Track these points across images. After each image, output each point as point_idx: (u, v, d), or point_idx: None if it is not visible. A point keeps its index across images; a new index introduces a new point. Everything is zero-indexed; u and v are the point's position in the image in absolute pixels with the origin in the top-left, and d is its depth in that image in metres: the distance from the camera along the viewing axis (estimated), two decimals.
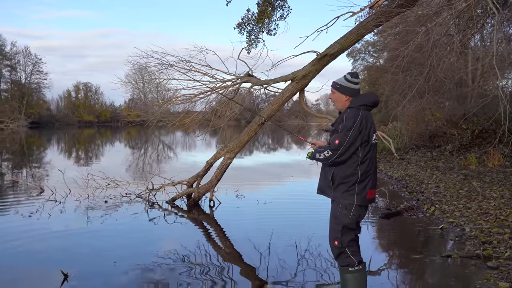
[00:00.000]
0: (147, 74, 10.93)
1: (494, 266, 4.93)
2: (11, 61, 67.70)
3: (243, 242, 6.19)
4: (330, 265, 5.15)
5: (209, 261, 5.40)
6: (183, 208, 8.59)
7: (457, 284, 4.66)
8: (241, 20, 12.39)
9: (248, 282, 4.77)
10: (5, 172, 13.96)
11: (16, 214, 7.85)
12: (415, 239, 6.45)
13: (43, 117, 69.04)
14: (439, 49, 10.54)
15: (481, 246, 5.64)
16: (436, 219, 7.39)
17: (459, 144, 15.36)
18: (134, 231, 6.89)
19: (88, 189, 9.25)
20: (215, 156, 9.00)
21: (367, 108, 3.80)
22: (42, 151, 25.17)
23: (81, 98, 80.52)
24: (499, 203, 7.88)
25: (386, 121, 19.66)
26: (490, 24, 10.63)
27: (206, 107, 9.67)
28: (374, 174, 3.82)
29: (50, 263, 5.27)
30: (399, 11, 8.41)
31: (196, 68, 8.97)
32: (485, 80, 18.04)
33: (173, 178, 9.32)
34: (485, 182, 10.08)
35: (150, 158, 21.10)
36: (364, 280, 3.83)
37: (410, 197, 9.48)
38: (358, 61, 47.28)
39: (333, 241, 3.81)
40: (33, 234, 6.62)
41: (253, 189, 10.80)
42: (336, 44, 8.58)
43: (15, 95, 66.31)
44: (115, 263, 5.22)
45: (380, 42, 33.50)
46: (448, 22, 10.47)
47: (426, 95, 13.57)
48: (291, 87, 8.71)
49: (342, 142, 3.63)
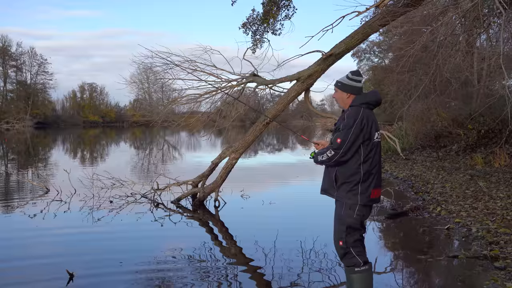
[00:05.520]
0: (152, 74, 10.92)
1: (501, 267, 4.89)
2: (16, 61, 68.02)
3: (248, 242, 6.17)
4: (335, 265, 5.13)
5: (214, 261, 5.40)
6: (188, 208, 8.60)
7: (464, 285, 4.63)
8: (246, 20, 12.37)
9: (253, 282, 4.76)
10: (11, 172, 14.03)
11: (22, 214, 7.89)
12: (421, 240, 6.41)
13: (49, 118, 69.33)
14: (445, 49, 10.49)
15: (488, 247, 5.60)
16: (442, 219, 7.35)
17: (465, 144, 15.28)
18: (139, 231, 6.90)
19: (94, 189, 9.28)
20: (220, 156, 8.99)
21: (368, 107, 3.78)
22: (48, 151, 25.28)
23: (86, 98, 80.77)
24: (506, 203, 7.83)
25: (391, 121, 19.63)
26: (497, 24, 10.56)
27: (211, 107, 9.67)
28: (378, 173, 3.79)
29: (55, 262, 5.27)
30: (405, 11, 8.38)
31: (201, 68, 8.97)
32: (491, 80, 17.93)
33: (178, 178, 9.32)
34: (492, 182, 10.02)
35: (155, 158, 21.14)
36: (370, 281, 3.80)
37: (416, 197, 9.44)
38: (363, 61, 47.09)
39: (338, 241, 3.78)
40: (38, 234, 6.65)
41: (258, 189, 10.79)
42: (341, 43, 8.56)
43: (21, 96, 66.63)
44: (121, 263, 5.22)
45: (386, 42, 33.40)
46: (454, 21, 10.43)
47: (432, 95, 13.55)
48: (297, 87, 8.69)
49: (344, 141, 3.61)
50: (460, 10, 9.46)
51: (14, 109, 63.78)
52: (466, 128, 15.26)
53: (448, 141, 16.78)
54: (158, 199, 8.94)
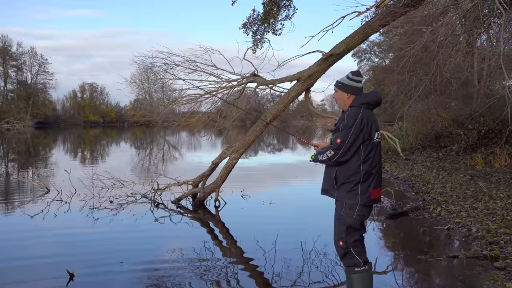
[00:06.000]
0: (152, 74, 10.93)
1: (501, 267, 4.89)
2: (17, 61, 67.98)
3: (249, 242, 6.18)
4: (336, 265, 5.13)
5: (214, 261, 5.40)
6: (189, 208, 8.60)
7: (464, 285, 4.63)
8: (247, 20, 12.37)
9: (253, 282, 4.76)
10: (12, 172, 14.03)
11: (23, 214, 7.89)
12: (421, 240, 6.41)
13: (49, 117, 69.29)
14: (445, 49, 10.49)
15: (488, 247, 5.60)
16: (442, 220, 7.36)
17: (465, 144, 15.28)
18: (139, 231, 6.90)
19: (94, 189, 9.28)
20: (221, 156, 8.99)
21: (368, 107, 3.78)
22: (48, 151, 25.28)
23: (87, 98, 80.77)
24: (506, 203, 7.83)
25: (391, 121, 19.62)
26: (497, 24, 10.55)
27: (212, 107, 9.68)
28: (378, 174, 3.79)
29: (56, 262, 5.28)
30: (405, 11, 8.38)
31: (201, 68, 8.98)
32: (491, 80, 17.94)
33: (179, 178, 9.33)
34: (492, 182, 10.02)
35: (155, 158, 21.14)
36: (370, 281, 3.81)
37: (416, 198, 9.44)
38: (364, 62, 47.07)
39: (338, 241, 3.79)
40: (39, 234, 6.65)
41: (259, 189, 10.80)
42: (342, 44, 8.56)
43: (21, 96, 66.61)
44: (121, 263, 5.22)
45: (386, 42, 33.41)
46: (454, 22, 10.43)
47: (432, 95, 13.55)
48: (297, 87, 8.69)
49: (343, 141, 3.62)
50: (460, 10, 9.46)
51: (15, 109, 63.77)
52: (466, 128, 15.27)
53: (448, 141, 16.78)
54: (159, 199, 8.94)
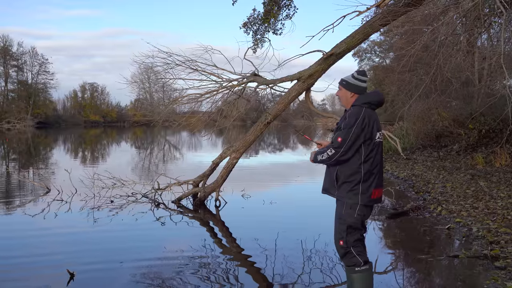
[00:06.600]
0: (153, 74, 10.93)
1: (501, 266, 4.89)
2: (17, 61, 68.07)
3: (249, 242, 6.18)
4: (336, 265, 5.13)
5: (215, 261, 5.40)
6: (189, 208, 8.60)
7: (464, 284, 4.63)
8: (247, 19, 12.38)
9: (254, 282, 4.76)
10: (12, 172, 14.03)
11: (23, 214, 7.90)
12: (421, 239, 6.41)
13: (50, 117, 69.37)
14: (446, 49, 10.49)
15: (488, 246, 5.60)
16: (443, 219, 7.35)
17: (466, 144, 15.27)
18: (140, 231, 6.91)
19: (94, 188, 9.29)
20: (221, 156, 8.99)
21: (370, 107, 3.78)
22: (49, 151, 25.29)
23: (87, 98, 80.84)
24: (507, 202, 7.82)
25: (392, 121, 19.62)
26: (498, 23, 10.55)
27: (212, 107, 9.67)
28: (380, 173, 3.78)
29: (56, 262, 5.28)
30: (406, 10, 8.38)
31: (202, 67, 8.98)
32: (492, 80, 17.93)
33: (179, 178, 9.33)
34: (492, 181, 10.02)
35: (156, 158, 21.15)
36: (371, 280, 3.81)
37: (416, 197, 9.44)
38: (364, 61, 47.14)
39: (338, 241, 3.79)
40: (39, 234, 6.66)
41: (259, 189, 10.79)
42: (342, 43, 8.56)
43: (22, 95, 66.68)
44: (121, 263, 5.23)
45: (386, 42, 33.40)
46: (454, 21, 10.43)
47: (433, 94, 13.53)
48: (297, 86, 8.69)
49: (344, 140, 3.61)
50: (461, 9, 9.45)
51: (15, 109, 63.83)
52: (467, 128, 15.26)
53: (449, 140, 16.78)
54: (159, 199, 8.94)
